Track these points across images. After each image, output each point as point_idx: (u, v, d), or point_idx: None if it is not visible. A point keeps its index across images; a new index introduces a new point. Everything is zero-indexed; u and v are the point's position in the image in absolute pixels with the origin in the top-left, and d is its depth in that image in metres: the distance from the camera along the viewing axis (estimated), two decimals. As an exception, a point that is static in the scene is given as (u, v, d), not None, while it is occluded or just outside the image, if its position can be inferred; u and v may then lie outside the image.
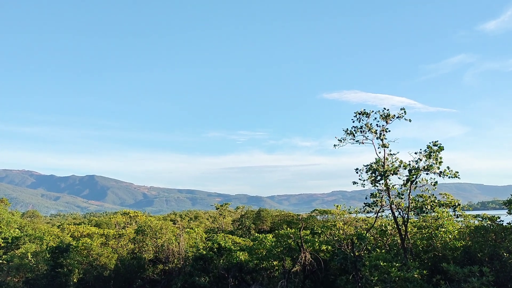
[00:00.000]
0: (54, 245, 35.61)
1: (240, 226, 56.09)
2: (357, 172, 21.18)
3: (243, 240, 35.41)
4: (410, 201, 20.67)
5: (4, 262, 32.68)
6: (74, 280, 31.40)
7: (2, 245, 36.86)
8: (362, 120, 21.46)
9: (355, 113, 21.64)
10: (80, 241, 34.53)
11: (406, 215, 20.88)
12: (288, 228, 30.81)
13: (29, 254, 32.02)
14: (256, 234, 40.14)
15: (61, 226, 59.45)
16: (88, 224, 64.31)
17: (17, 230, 45.80)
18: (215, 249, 29.16)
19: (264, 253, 26.79)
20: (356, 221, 30.31)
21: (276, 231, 31.90)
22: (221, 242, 29.91)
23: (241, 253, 27.66)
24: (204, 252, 28.93)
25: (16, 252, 34.05)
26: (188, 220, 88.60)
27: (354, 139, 21.63)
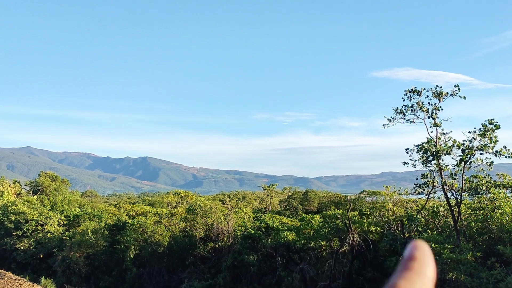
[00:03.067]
0: (111, 223, 37.58)
1: (287, 207, 56.49)
2: (407, 152, 20.66)
3: (290, 220, 35.73)
4: (464, 182, 19.94)
5: (67, 238, 35.04)
6: (131, 256, 33.10)
7: (65, 222, 39.53)
8: (413, 98, 20.78)
9: (405, 91, 20.98)
10: (135, 219, 36.25)
11: (460, 196, 20.20)
12: (336, 209, 30.73)
13: (89, 231, 34.07)
14: (303, 214, 40.34)
15: (117, 205, 62.52)
16: (142, 203, 67.18)
17: (77, 208, 48.88)
18: (263, 229, 29.66)
19: (311, 233, 26.95)
20: (406, 203, 29.67)
21: (324, 212, 31.89)
22: (268, 222, 30.36)
23: (288, 233, 27.97)
24: (252, 231, 29.52)
25: (77, 229, 36.36)
26: (236, 200, 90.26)
27: (404, 118, 21.03)
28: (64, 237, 35.66)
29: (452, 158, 20.19)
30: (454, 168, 20.20)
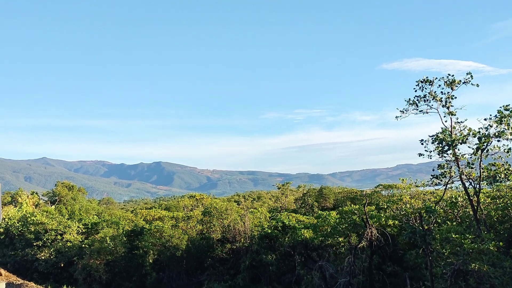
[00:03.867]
0: (129, 228, 37.88)
1: (303, 205, 56.27)
2: (422, 143, 20.31)
3: (307, 218, 35.57)
4: (482, 170, 19.56)
5: (87, 246, 35.41)
6: (150, 261, 33.31)
7: (84, 230, 39.97)
8: (425, 88, 20.43)
9: (417, 81, 20.65)
10: (153, 224, 36.47)
11: (478, 185, 19.81)
12: (352, 205, 30.47)
13: (107, 238, 34.39)
14: (320, 211, 40.13)
15: (134, 211, 63.03)
16: (159, 208, 67.63)
17: (95, 216, 49.41)
18: (280, 228, 29.55)
19: (328, 230, 26.75)
20: (423, 194, 29.29)
21: (340, 208, 31.65)
22: (285, 221, 30.25)
23: (305, 231, 27.82)
24: (269, 231, 29.44)
25: (96, 236, 36.74)
26: (252, 200, 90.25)
27: (417, 109, 20.69)
28: (83, 245, 36.04)
29: (468, 146, 19.80)
30: (471, 157, 19.81)
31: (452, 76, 20.07)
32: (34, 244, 36.89)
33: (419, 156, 20.64)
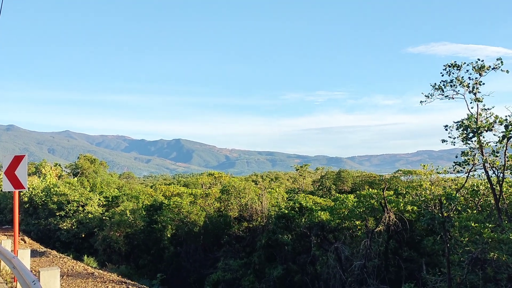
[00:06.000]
0: (148, 203, 38.61)
1: (321, 187, 56.24)
2: (446, 130, 19.88)
3: (324, 200, 35.57)
4: (507, 159, 19.09)
5: (107, 218, 36.32)
6: (168, 235, 33.99)
7: (104, 203, 40.96)
8: (453, 73, 19.87)
9: (444, 65, 20.06)
10: (171, 200, 37.05)
11: (502, 174, 19.38)
12: (370, 189, 30.25)
13: (127, 211, 35.17)
14: (337, 194, 40.03)
15: (153, 186, 64.10)
16: (177, 184, 68.59)
17: (116, 190, 50.45)
18: (297, 209, 29.66)
19: (346, 213, 26.71)
20: (444, 181, 28.84)
21: (358, 191, 31.49)
22: (302, 202, 30.31)
23: (322, 213, 27.85)
24: (286, 211, 29.59)
25: (116, 209, 37.60)
26: (269, 181, 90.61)
27: (443, 95, 20.17)
28: (104, 217, 36.98)
29: (494, 134, 19.26)
30: (496, 145, 19.30)
31: (482, 61, 19.43)
32: (57, 214, 38.03)
33: (442, 142, 20.21)
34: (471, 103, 19.75)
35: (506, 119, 18.81)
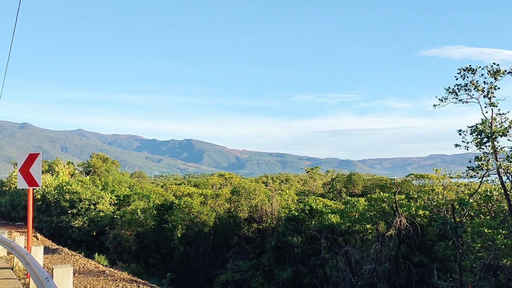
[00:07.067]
0: (159, 202, 38.84)
1: (331, 190, 56.01)
2: (460, 134, 19.65)
3: (334, 203, 35.45)
4: (521, 165, 18.81)
5: (118, 217, 36.60)
6: (178, 235, 34.14)
7: (116, 202, 41.30)
8: (467, 77, 19.65)
9: (459, 69, 19.83)
10: (182, 200, 37.23)
11: (516, 180, 19.10)
12: (381, 193, 30.06)
13: (138, 211, 35.42)
14: (348, 197, 39.84)
15: (164, 186, 64.40)
16: (188, 185, 68.88)
17: (127, 189, 50.90)
18: (307, 211, 29.58)
19: (356, 216, 26.58)
20: (457, 186, 28.51)
21: (368, 195, 31.31)
22: (312, 204, 30.24)
23: (332, 215, 27.74)
24: (296, 213, 29.53)
25: (128, 208, 37.90)
26: (279, 182, 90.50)
27: (457, 98, 19.94)
28: (115, 216, 37.27)
29: (509, 139, 18.98)
30: (510, 151, 19.05)
31: (497, 65, 19.19)
32: (69, 212, 38.42)
33: (456, 146, 19.96)
34: (485, 107, 19.50)
35: (521, 124, 18.56)
